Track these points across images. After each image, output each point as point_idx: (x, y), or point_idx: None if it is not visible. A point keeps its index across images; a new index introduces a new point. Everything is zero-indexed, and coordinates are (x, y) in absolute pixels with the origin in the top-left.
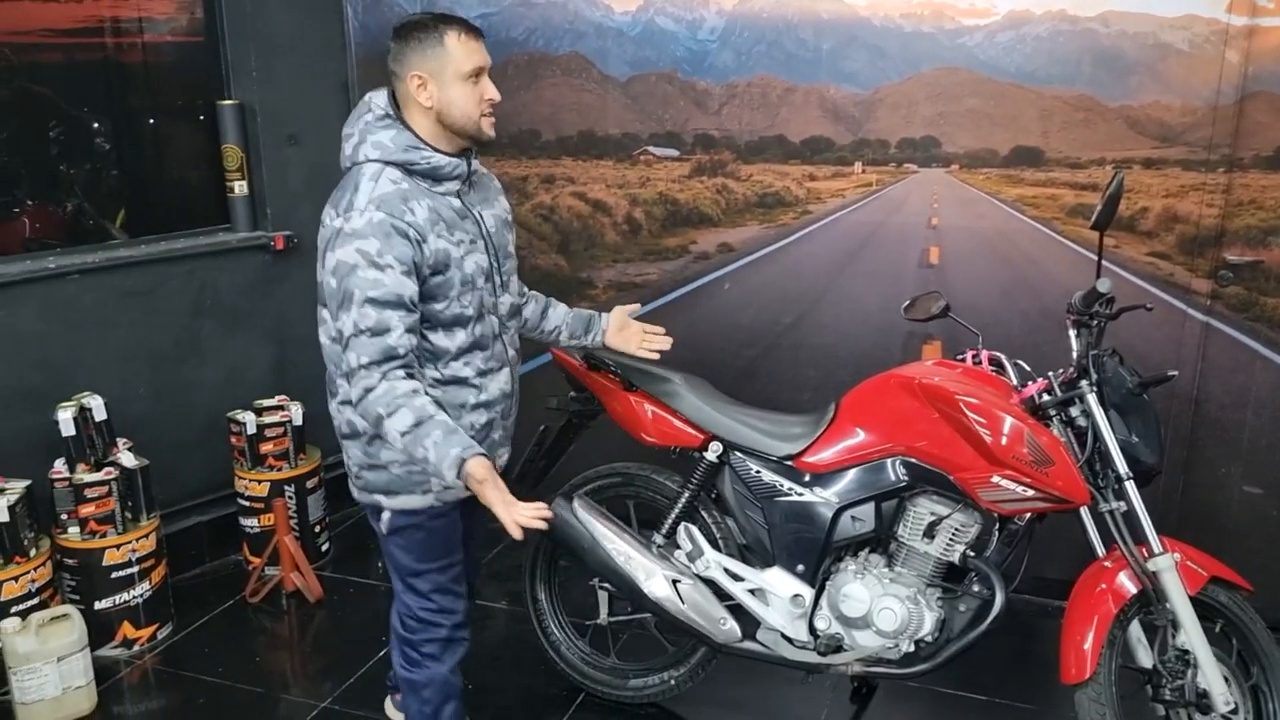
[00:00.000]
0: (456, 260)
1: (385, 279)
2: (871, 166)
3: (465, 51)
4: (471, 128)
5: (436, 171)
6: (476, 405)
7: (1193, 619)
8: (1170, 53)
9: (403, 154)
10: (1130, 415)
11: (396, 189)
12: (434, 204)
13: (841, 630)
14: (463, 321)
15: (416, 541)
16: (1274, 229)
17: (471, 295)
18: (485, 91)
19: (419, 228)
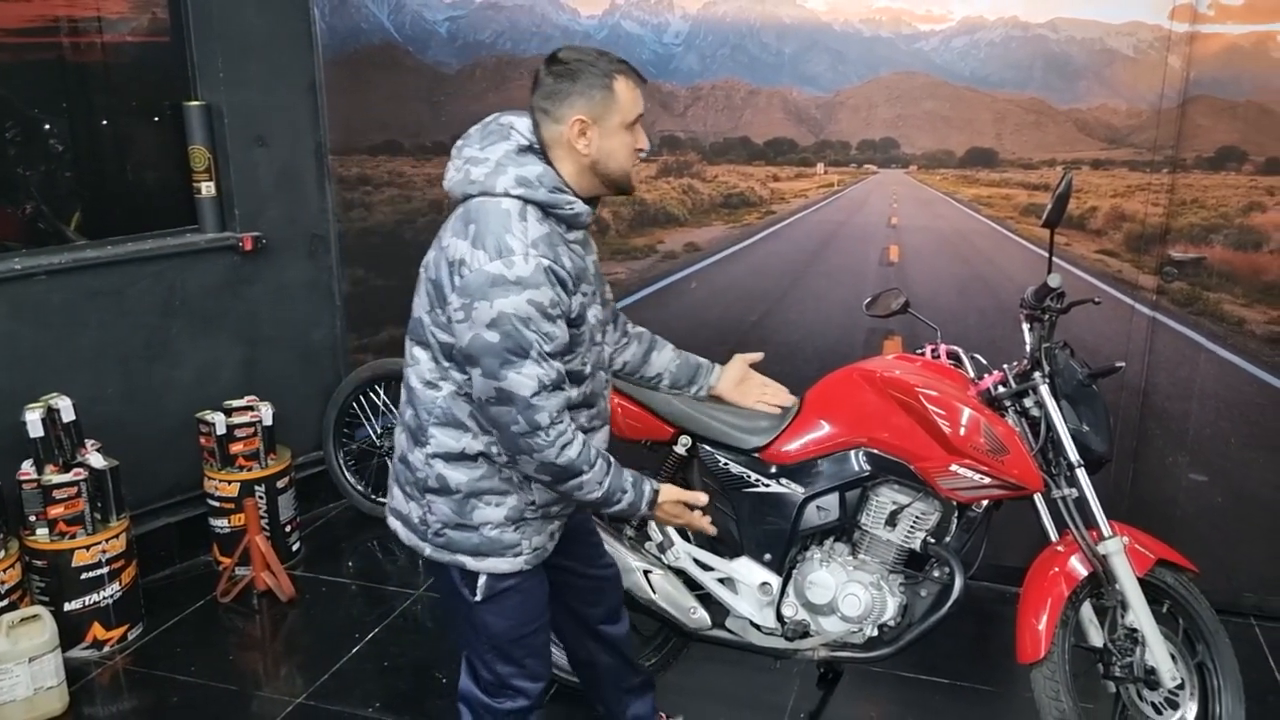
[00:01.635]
0: (583, 314)
1: (556, 331)
2: (833, 167)
3: (633, 100)
4: (624, 179)
5: (576, 220)
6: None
7: (1140, 600)
8: (1117, 58)
9: (548, 194)
10: (1081, 405)
11: (545, 232)
12: (566, 250)
13: (808, 616)
14: (579, 378)
15: (513, 606)
16: (1215, 227)
17: (591, 351)
18: (639, 140)
19: (569, 275)
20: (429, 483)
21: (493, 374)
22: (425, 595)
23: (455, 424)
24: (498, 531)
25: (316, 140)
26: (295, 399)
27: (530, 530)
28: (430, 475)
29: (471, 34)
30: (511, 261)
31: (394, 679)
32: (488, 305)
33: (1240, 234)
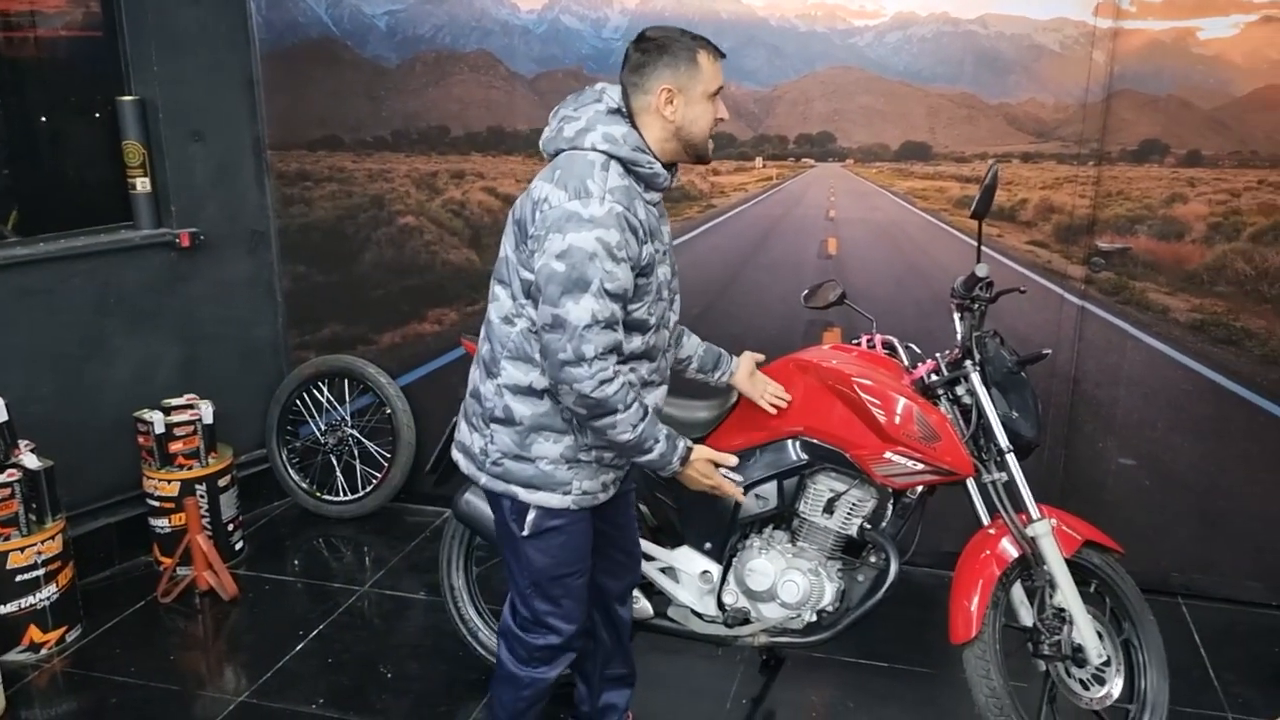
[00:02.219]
0: (653, 266)
1: (619, 272)
2: (772, 161)
3: (714, 71)
4: (703, 145)
5: (654, 179)
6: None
7: (1068, 579)
8: (1044, 53)
9: (630, 152)
10: (1010, 393)
11: (625, 185)
12: (643, 206)
13: (748, 603)
14: (643, 327)
15: (557, 545)
16: (1140, 218)
17: (657, 305)
18: (720, 110)
19: (644, 226)
20: (495, 413)
21: (553, 301)
22: (371, 591)
23: (526, 359)
24: (552, 467)
25: (255, 135)
26: (237, 397)
27: (583, 473)
28: (498, 406)
29: (411, 28)
30: (588, 202)
31: (338, 675)
32: (560, 238)
33: (1163, 224)
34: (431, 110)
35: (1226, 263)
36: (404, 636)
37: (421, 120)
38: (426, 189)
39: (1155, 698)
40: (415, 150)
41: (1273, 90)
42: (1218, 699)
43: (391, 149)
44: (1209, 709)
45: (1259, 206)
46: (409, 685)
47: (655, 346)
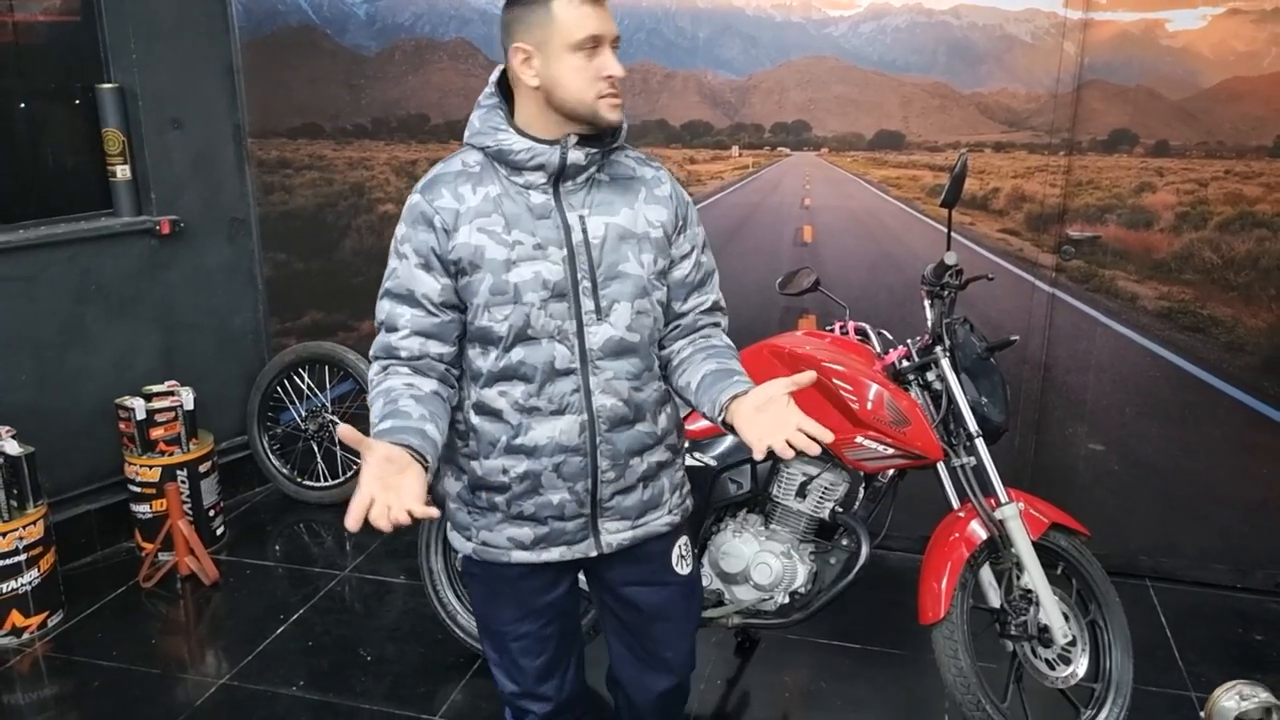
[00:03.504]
0: (494, 263)
1: (400, 269)
2: (748, 150)
3: (576, 17)
4: (584, 109)
5: (506, 157)
6: (513, 448)
7: (1034, 561)
8: (1016, 44)
9: (480, 135)
10: (980, 378)
11: (459, 172)
12: (501, 194)
13: (721, 585)
14: (492, 339)
15: (477, 595)
16: (1109, 207)
17: (512, 310)
18: (604, 67)
19: (449, 214)
20: None
21: None
22: (351, 576)
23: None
24: (455, 506)
25: (234, 123)
26: (217, 383)
27: (480, 520)
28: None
29: (390, 17)
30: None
31: (318, 658)
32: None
33: (1132, 213)
34: (411, 98)
35: (1194, 251)
36: (383, 620)
37: (401, 108)
38: (407, 177)
39: (1120, 677)
40: (395, 138)
41: (1239, 82)
42: (1181, 678)
43: (371, 137)
44: (1172, 688)
45: (1225, 196)
46: (388, 668)
47: (531, 365)
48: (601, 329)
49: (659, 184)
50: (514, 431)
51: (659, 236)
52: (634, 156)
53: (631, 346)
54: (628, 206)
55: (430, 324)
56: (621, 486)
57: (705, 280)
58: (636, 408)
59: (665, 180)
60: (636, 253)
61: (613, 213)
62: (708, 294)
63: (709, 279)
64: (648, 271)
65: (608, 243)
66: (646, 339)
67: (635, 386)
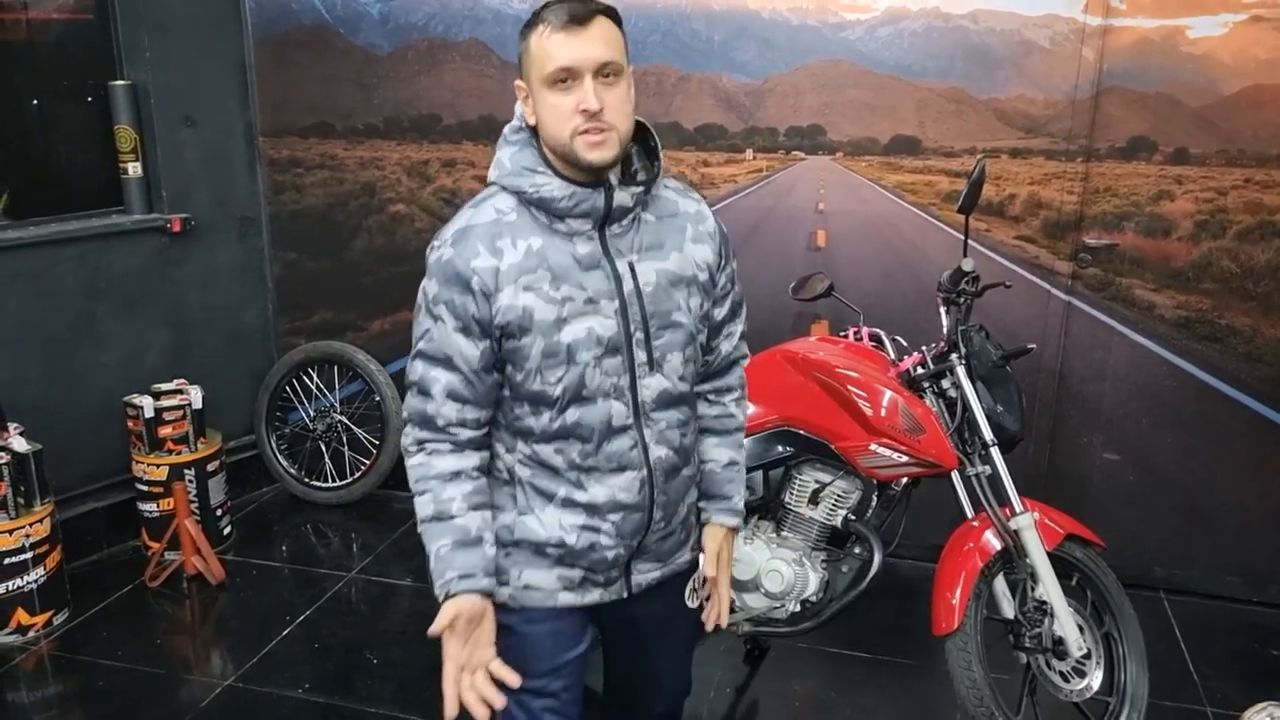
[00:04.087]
0: (544, 324)
1: (434, 331)
2: (762, 153)
3: (546, 49)
4: (563, 149)
5: (548, 205)
6: (570, 502)
7: (1049, 572)
8: (1034, 49)
9: (514, 177)
10: (995, 386)
11: (493, 222)
12: (544, 246)
13: (732, 593)
14: (546, 401)
15: (504, 647)
16: (1127, 214)
17: (566, 371)
18: (581, 100)
19: (488, 275)
20: None
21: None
22: (358, 578)
23: None
24: (495, 550)
25: (246, 121)
26: (226, 382)
27: (521, 561)
28: None
29: (403, 16)
30: (435, 247)
31: (324, 660)
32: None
33: (1150, 221)
34: (423, 98)
35: (1212, 260)
36: (390, 622)
37: (413, 108)
38: (418, 177)
39: (1135, 691)
40: (407, 138)
41: (1260, 89)
42: (1196, 693)
43: (383, 136)
44: (1188, 702)
45: (1245, 205)
46: (394, 671)
47: (587, 424)
48: (654, 381)
49: (702, 219)
50: (572, 487)
51: (705, 279)
52: (674, 187)
53: (682, 395)
54: (676, 249)
55: (469, 391)
56: (666, 532)
57: (735, 313)
58: (685, 453)
59: (708, 215)
60: (686, 298)
61: (662, 257)
62: (736, 326)
63: (738, 311)
64: (695, 317)
65: (659, 290)
66: (691, 384)
67: (684, 433)
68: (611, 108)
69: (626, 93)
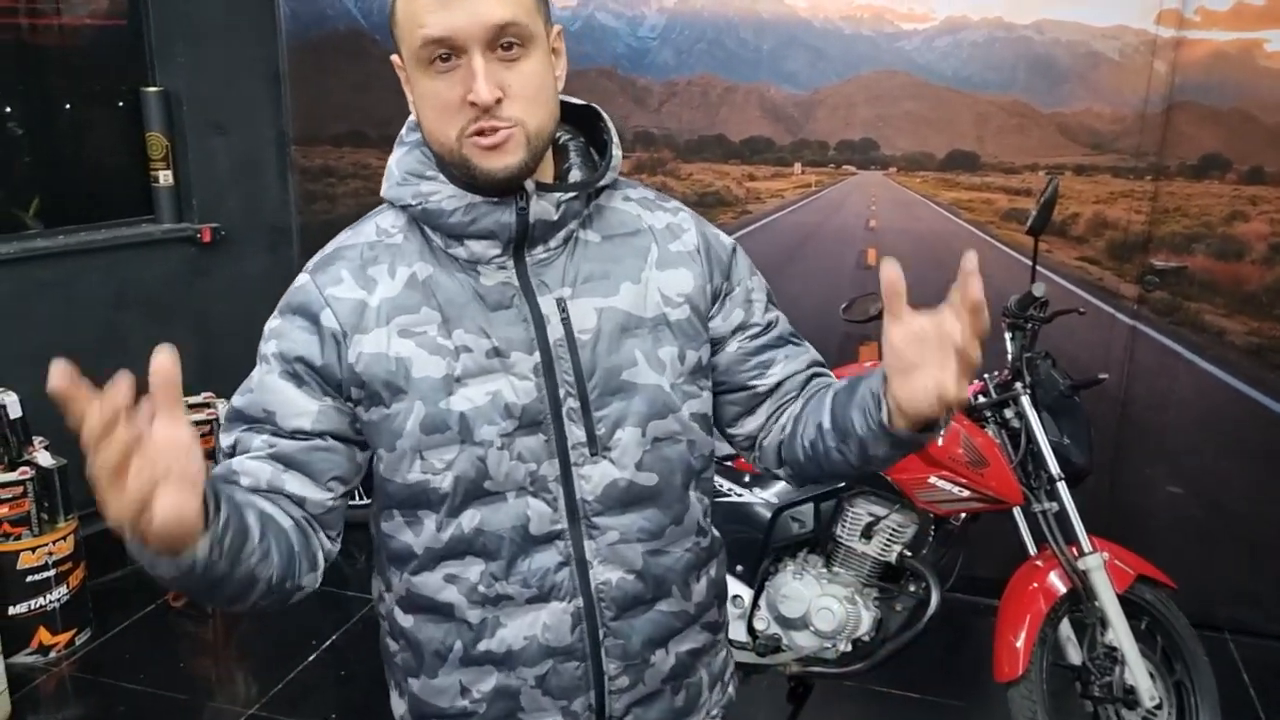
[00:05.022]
0: (427, 385)
1: (253, 378)
2: (810, 167)
3: (412, 11)
4: (449, 154)
5: (436, 220)
6: (471, 659)
7: (1121, 618)
8: (1101, 61)
9: (398, 187)
10: (1062, 417)
11: (370, 244)
12: (434, 275)
13: (780, 630)
14: (427, 501)
15: None
16: (1198, 236)
17: (459, 453)
18: (469, 87)
19: (347, 311)
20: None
21: None
22: None
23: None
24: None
25: (278, 129)
26: None
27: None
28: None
29: None
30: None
31: (350, 689)
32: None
33: (1222, 243)
34: None
35: None
36: None
37: None
38: None
39: None
40: None
41: None
42: None
43: None
44: None
45: None
46: None
47: (487, 532)
48: (598, 469)
49: (678, 234)
50: (473, 634)
51: (684, 318)
52: (637, 198)
53: (647, 492)
54: (629, 279)
55: (293, 449)
56: (640, 695)
57: (785, 340)
58: (657, 581)
59: (688, 228)
60: (649, 348)
61: (608, 290)
62: (802, 354)
63: (790, 340)
64: (670, 376)
65: (603, 338)
66: (672, 479)
67: (654, 550)
68: (516, 94)
69: (540, 69)
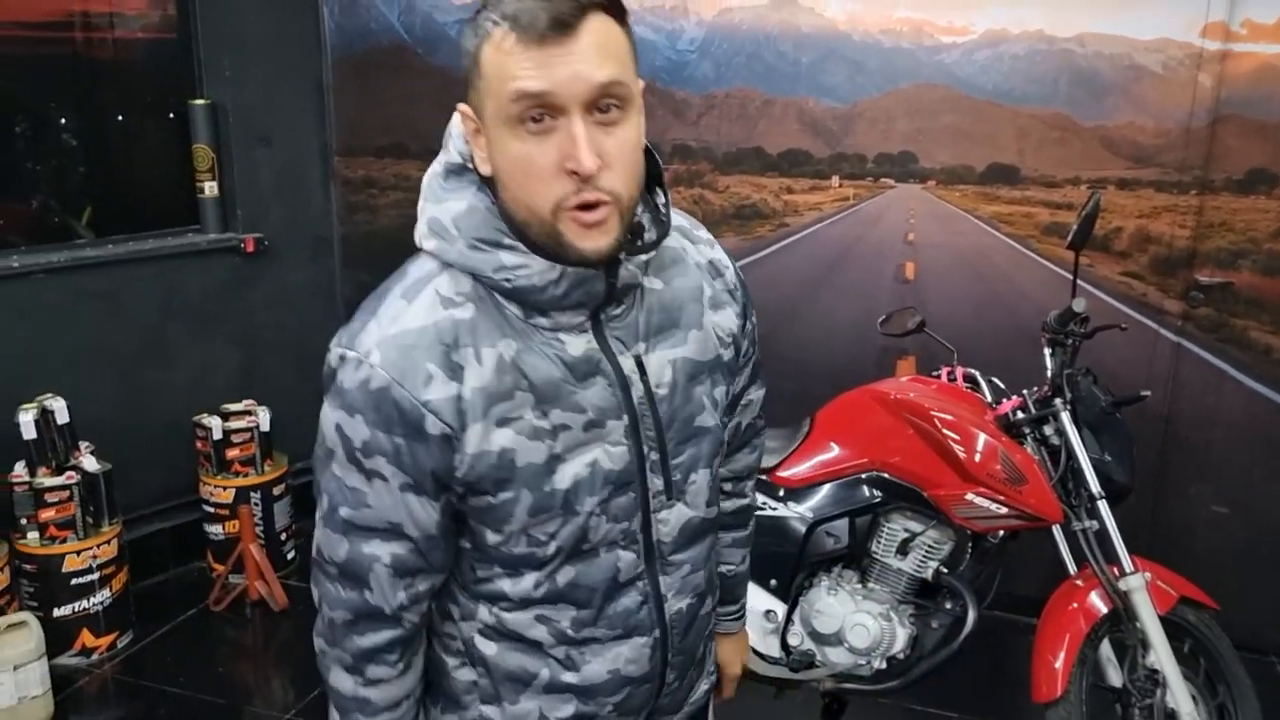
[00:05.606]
0: (531, 471)
1: (369, 495)
2: (849, 181)
3: (506, 67)
4: (542, 230)
5: (525, 296)
6: (555, 687)
7: (1163, 639)
8: (1145, 75)
9: (470, 254)
10: (1103, 434)
11: (438, 323)
12: (520, 352)
13: (814, 647)
14: (532, 564)
15: None
16: (1244, 251)
17: (562, 525)
18: (567, 154)
19: (448, 411)
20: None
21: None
22: None
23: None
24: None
25: (322, 141)
26: (294, 404)
27: None
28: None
29: None
30: (342, 359)
31: None
32: (323, 408)
33: (1269, 259)
34: None
35: None
36: None
37: None
38: None
39: None
40: None
41: None
42: None
43: None
44: None
45: None
46: None
47: (586, 584)
48: (674, 514)
49: (721, 269)
50: (560, 667)
51: (730, 358)
52: (675, 227)
53: (710, 525)
54: (694, 325)
55: (421, 561)
56: (679, 687)
57: (755, 377)
58: (707, 593)
59: (726, 262)
60: (709, 392)
61: (679, 341)
62: (757, 392)
63: (758, 374)
64: (720, 414)
65: (678, 390)
66: (717, 502)
67: (708, 569)
68: (613, 163)
69: (637, 135)
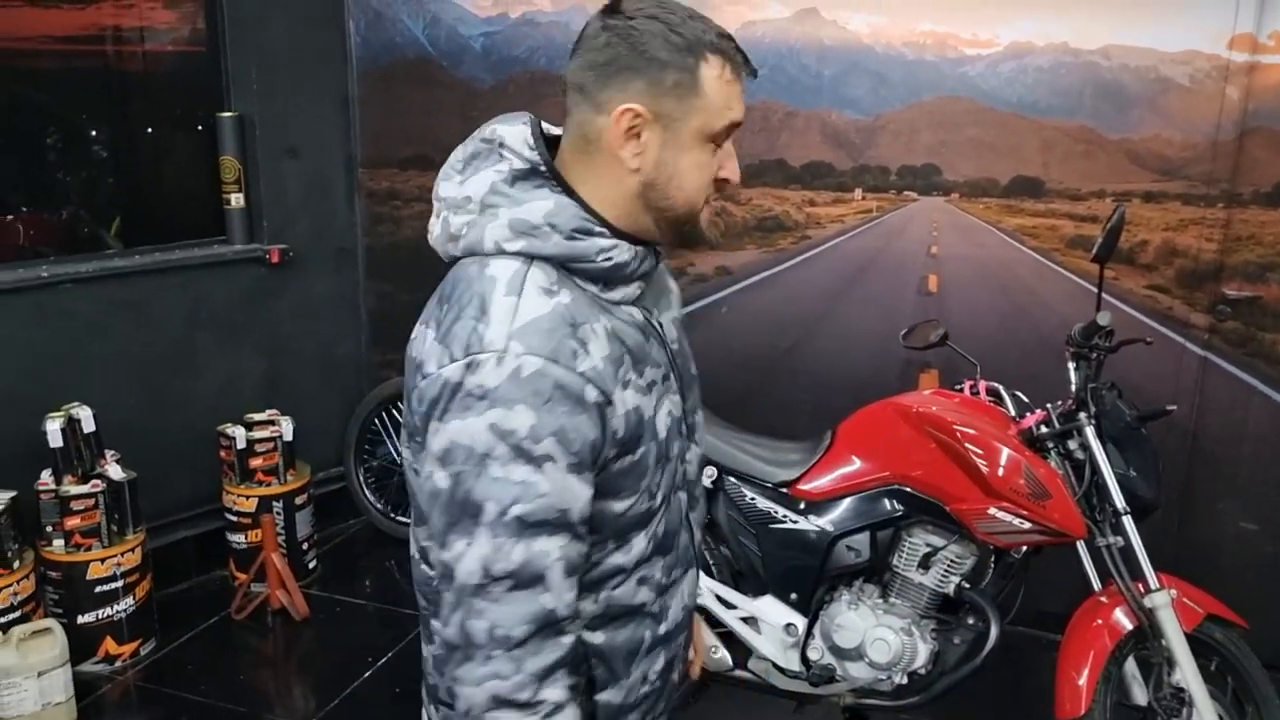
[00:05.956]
0: (651, 423)
1: (541, 482)
2: (871, 193)
3: (725, 97)
4: (688, 218)
5: (617, 273)
6: (654, 646)
7: (1189, 657)
8: (1171, 87)
9: (565, 241)
10: (1128, 449)
11: (555, 308)
12: (613, 325)
13: (834, 661)
14: (643, 521)
15: None
16: (1272, 265)
17: (663, 472)
18: (727, 167)
19: (600, 378)
20: (438, 692)
21: (440, 538)
22: None
23: None
24: None
25: (347, 153)
26: (317, 414)
27: None
28: (439, 684)
29: (506, 50)
30: (478, 362)
31: (406, 706)
32: (441, 428)
33: None
34: None
35: None
36: None
37: None
38: None
39: None
40: None
41: None
42: None
43: None
44: None
45: None
46: None
47: (669, 529)
48: (693, 452)
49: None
50: (656, 621)
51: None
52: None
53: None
54: (672, 290)
55: (579, 551)
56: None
57: None
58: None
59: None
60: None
61: (671, 302)
62: None
63: None
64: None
65: (682, 343)
66: None
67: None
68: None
69: None
